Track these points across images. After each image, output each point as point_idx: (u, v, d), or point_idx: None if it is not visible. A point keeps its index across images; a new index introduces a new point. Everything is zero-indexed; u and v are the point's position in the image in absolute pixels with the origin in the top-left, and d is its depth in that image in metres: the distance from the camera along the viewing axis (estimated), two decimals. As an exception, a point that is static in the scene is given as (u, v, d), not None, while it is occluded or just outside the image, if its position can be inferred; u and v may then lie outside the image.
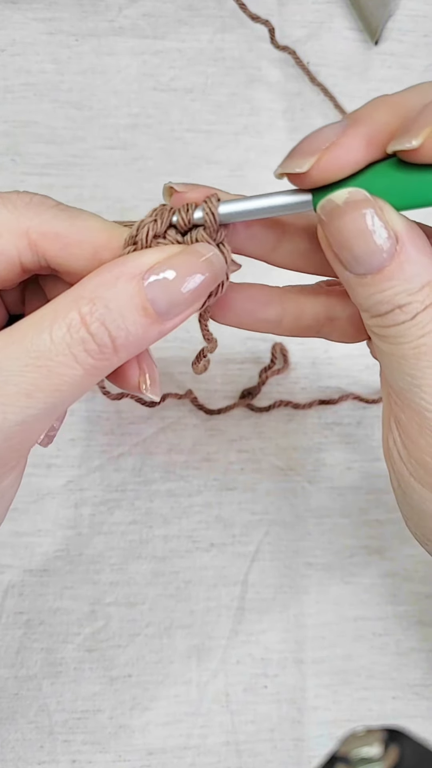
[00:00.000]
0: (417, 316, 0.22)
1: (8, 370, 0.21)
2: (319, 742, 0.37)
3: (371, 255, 0.21)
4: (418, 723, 0.38)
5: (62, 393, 0.21)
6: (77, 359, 0.21)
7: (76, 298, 0.21)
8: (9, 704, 0.37)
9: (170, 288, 0.22)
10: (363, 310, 0.23)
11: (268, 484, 0.40)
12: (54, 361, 0.21)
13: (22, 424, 0.21)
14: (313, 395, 0.40)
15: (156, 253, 0.22)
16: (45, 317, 0.21)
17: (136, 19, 0.42)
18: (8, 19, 0.42)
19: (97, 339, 0.21)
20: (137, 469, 0.39)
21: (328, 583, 0.39)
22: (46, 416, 0.22)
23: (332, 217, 0.22)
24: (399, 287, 0.22)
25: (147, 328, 0.22)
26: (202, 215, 0.24)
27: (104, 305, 0.21)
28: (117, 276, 0.22)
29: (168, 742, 0.37)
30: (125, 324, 0.21)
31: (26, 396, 0.21)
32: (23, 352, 0.21)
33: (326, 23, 0.43)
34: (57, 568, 0.38)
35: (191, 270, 0.22)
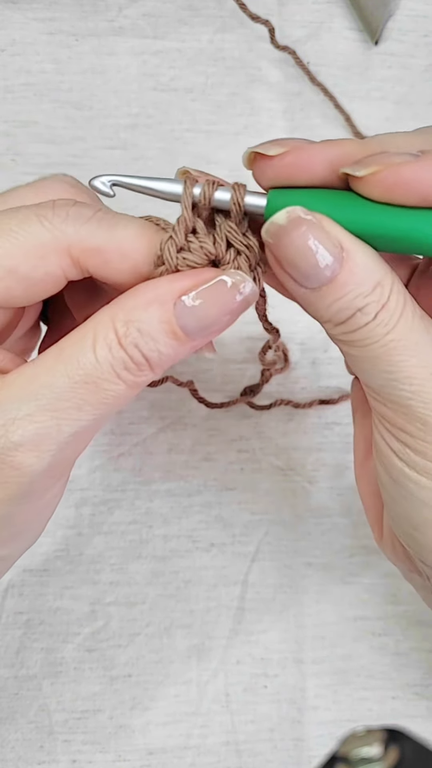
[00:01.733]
0: (378, 315, 0.22)
1: (60, 387, 0.23)
2: (319, 742, 0.37)
3: (321, 265, 0.22)
4: (418, 723, 0.38)
5: (108, 405, 0.23)
6: (120, 376, 0.23)
7: (113, 319, 0.23)
8: (9, 704, 0.37)
9: (200, 315, 0.23)
10: (325, 321, 0.23)
11: (268, 484, 0.40)
12: (100, 379, 0.23)
13: (75, 434, 0.23)
14: (313, 395, 0.40)
15: (188, 279, 0.24)
16: (87, 337, 0.23)
17: (136, 19, 0.42)
18: (8, 19, 0.42)
19: (134, 359, 0.23)
20: (137, 469, 0.39)
21: (328, 583, 0.39)
22: (94, 426, 0.24)
23: (278, 237, 0.23)
24: (354, 291, 0.22)
25: (178, 348, 0.23)
26: (224, 197, 0.24)
27: (137, 329, 0.23)
28: (149, 301, 0.23)
29: (168, 741, 0.37)
30: (157, 346, 0.23)
31: (77, 410, 0.23)
32: (72, 370, 0.23)
33: (326, 23, 0.43)
34: (57, 568, 0.38)
35: (222, 300, 0.24)
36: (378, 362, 0.23)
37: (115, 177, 0.24)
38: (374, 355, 0.23)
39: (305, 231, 0.22)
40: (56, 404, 0.23)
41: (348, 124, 0.42)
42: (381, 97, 0.43)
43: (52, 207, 0.24)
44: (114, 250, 0.24)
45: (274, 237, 0.23)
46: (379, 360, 0.23)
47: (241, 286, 0.24)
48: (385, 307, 0.22)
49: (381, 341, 0.23)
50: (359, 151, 0.23)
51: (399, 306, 0.23)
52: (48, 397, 0.23)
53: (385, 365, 0.23)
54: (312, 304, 0.23)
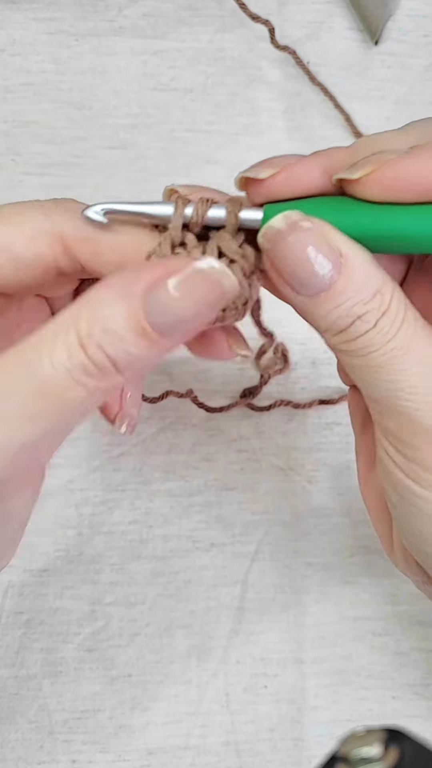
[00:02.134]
0: (378, 323, 0.22)
1: (11, 394, 0.21)
2: (319, 742, 0.37)
3: (318, 272, 0.22)
4: (418, 723, 0.38)
5: (66, 415, 0.21)
6: (79, 382, 0.21)
7: (75, 317, 0.21)
8: (9, 704, 0.37)
9: (171, 307, 0.21)
10: (324, 330, 0.23)
11: (268, 484, 0.40)
12: (57, 387, 0.20)
13: (27, 445, 0.21)
14: (313, 395, 0.40)
15: (157, 270, 0.21)
16: (44, 339, 0.21)
17: (136, 19, 0.42)
18: (8, 19, 0.42)
19: (96, 363, 0.21)
20: (137, 469, 0.39)
21: (328, 583, 0.39)
22: (52, 437, 0.22)
23: (275, 242, 0.22)
24: (353, 298, 0.22)
25: (149, 349, 0.21)
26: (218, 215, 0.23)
27: (101, 327, 0.20)
28: (116, 295, 0.21)
29: (168, 741, 0.37)
30: (124, 346, 0.21)
31: (29, 420, 0.21)
32: (25, 377, 0.21)
33: (326, 23, 0.43)
34: (57, 568, 0.38)
35: (198, 292, 0.21)
36: (380, 372, 0.22)
37: (107, 205, 0.24)
38: (375, 364, 0.22)
39: (302, 236, 0.22)
40: (4, 413, 0.21)
41: (348, 124, 0.42)
42: (381, 97, 0.43)
43: (54, 201, 0.25)
44: (104, 242, 0.24)
45: (271, 242, 0.22)
46: (381, 369, 0.22)
47: (219, 277, 0.22)
48: (386, 315, 0.22)
49: (382, 349, 0.22)
50: (350, 157, 0.23)
51: (400, 313, 0.22)
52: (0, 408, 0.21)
53: (387, 375, 0.22)
54: (309, 312, 0.23)
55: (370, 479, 0.29)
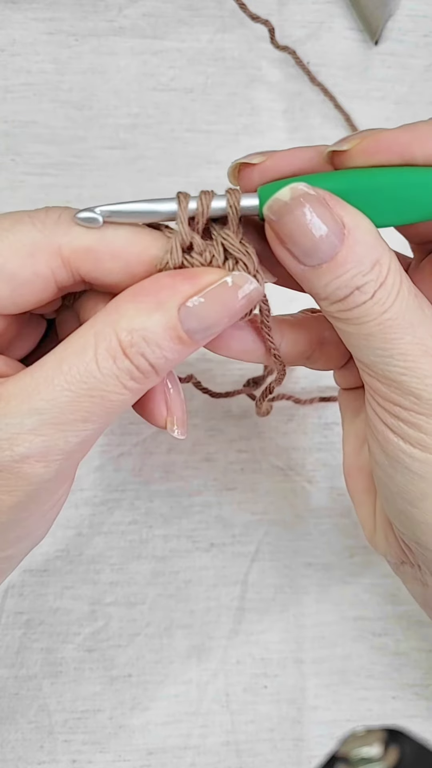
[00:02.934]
0: (375, 294, 0.22)
1: (63, 401, 0.22)
2: (319, 742, 0.37)
3: (322, 244, 0.22)
4: (418, 723, 0.38)
5: (114, 413, 0.23)
6: (126, 386, 0.23)
7: (114, 326, 0.22)
8: (9, 704, 0.37)
9: (205, 317, 0.23)
10: (321, 299, 0.23)
11: (268, 484, 0.40)
12: (105, 391, 0.23)
13: (81, 443, 0.23)
14: (313, 395, 0.40)
15: (190, 282, 0.23)
16: (87, 346, 0.22)
17: (136, 19, 0.42)
18: (8, 19, 0.42)
19: (141, 368, 0.23)
20: (137, 469, 0.39)
21: (328, 583, 0.39)
22: (99, 432, 0.24)
23: (280, 214, 0.22)
24: (353, 270, 0.22)
25: (183, 352, 0.23)
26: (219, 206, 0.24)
27: (141, 337, 0.22)
28: (153, 307, 0.23)
29: (168, 742, 0.37)
30: (163, 353, 0.23)
31: (83, 421, 0.23)
32: (75, 384, 0.22)
33: (326, 23, 0.43)
34: (57, 568, 0.38)
35: (226, 301, 0.23)
36: (373, 339, 0.23)
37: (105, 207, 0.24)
38: (369, 332, 0.23)
39: (308, 207, 0.22)
40: (61, 417, 0.22)
41: (348, 124, 0.42)
42: (381, 97, 0.43)
43: (45, 211, 0.24)
44: (104, 249, 0.24)
45: (277, 214, 0.22)
46: (374, 338, 0.23)
47: (244, 286, 0.24)
48: (383, 286, 0.22)
49: (377, 319, 0.23)
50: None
51: (396, 284, 0.23)
52: (52, 412, 0.22)
53: (380, 342, 0.23)
54: (310, 281, 0.23)
55: (357, 461, 0.30)
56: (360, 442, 0.30)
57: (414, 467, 0.24)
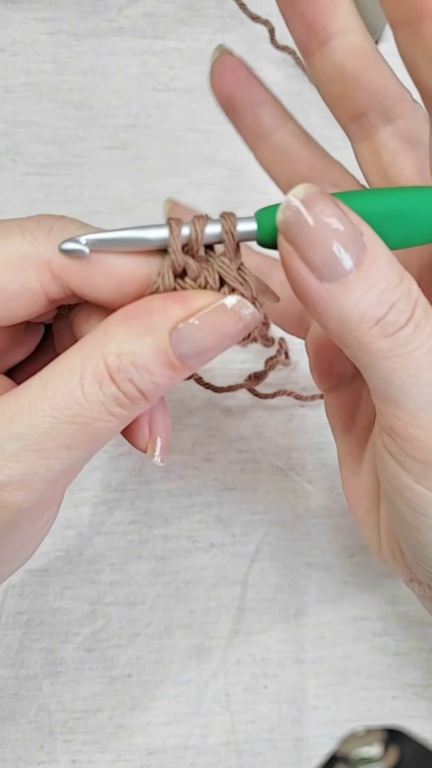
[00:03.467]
0: (414, 312, 0.20)
1: (45, 427, 0.21)
2: (319, 742, 0.37)
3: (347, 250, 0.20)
4: (418, 723, 0.38)
5: (100, 441, 0.22)
6: (112, 413, 0.22)
7: (102, 349, 0.21)
8: (9, 704, 0.37)
9: (197, 341, 0.22)
10: (357, 324, 0.20)
11: (268, 484, 0.40)
12: (90, 418, 0.21)
13: (64, 471, 0.22)
14: (314, 393, 0.40)
15: (182, 305, 0.22)
16: (73, 370, 0.21)
17: (136, 19, 0.42)
18: (8, 19, 0.42)
19: (128, 395, 0.22)
20: (137, 469, 0.39)
21: (328, 583, 0.39)
22: (85, 460, 0.23)
23: (297, 216, 0.20)
24: (382, 282, 0.20)
25: (174, 377, 0.22)
26: (214, 232, 0.22)
27: (130, 362, 0.21)
28: (143, 331, 0.21)
29: (168, 742, 0.37)
30: (153, 379, 0.22)
31: (66, 449, 0.22)
32: (58, 411, 0.21)
33: (326, 23, 0.43)
34: (57, 568, 0.38)
35: (221, 326, 0.22)
36: (422, 375, 0.20)
37: (92, 236, 0.22)
38: (417, 365, 0.20)
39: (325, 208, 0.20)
40: (42, 444, 0.21)
41: (348, 124, 0.42)
42: (381, 97, 0.43)
43: (37, 221, 0.23)
44: (95, 266, 0.22)
45: (293, 215, 0.20)
46: (423, 371, 0.20)
47: (242, 311, 0.22)
48: (419, 303, 0.20)
49: (425, 346, 0.20)
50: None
51: (428, 306, 0.20)
52: (33, 438, 0.21)
53: (429, 377, 0.20)
54: (337, 301, 0.20)
55: (355, 483, 0.28)
56: (356, 462, 0.28)
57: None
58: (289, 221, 0.20)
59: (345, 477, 0.29)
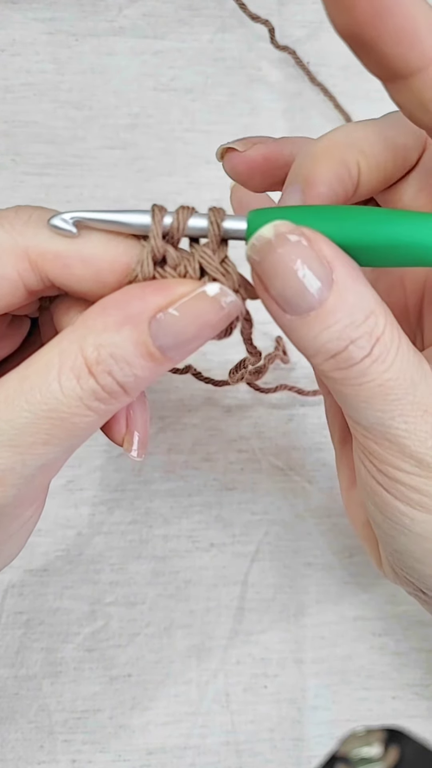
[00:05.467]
0: (373, 350, 0.20)
1: (21, 423, 0.21)
2: (319, 742, 0.37)
3: (308, 290, 0.20)
4: (418, 723, 0.38)
5: (78, 436, 0.22)
6: (90, 408, 0.21)
7: (80, 342, 0.21)
8: (9, 704, 0.37)
9: (178, 331, 0.21)
10: (312, 354, 0.21)
11: (268, 484, 0.40)
12: (67, 413, 0.21)
13: (42, 467, 0.22)
14: (315, 389, 0.40)
15: (162, 293, 0.21)
16: (51, 365, 0.21)
17: (136, 19, 0.42)
18: (8, 19, 0.42)
19: (107, 389, 0.21)
20: (137, 469, 0.39)
21: (328, 583, 0.39)
22: (64, 455, 0.23)
23: (264, 254, 0.20)
24: (345, 319, 0.20)
25: (155, 369, 0.21)
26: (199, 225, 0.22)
27: (109, 354, 0.21)
28: (121, 322, 0.21)
29: (168, 741, 0.37)
30: (132, 371, 0.21)
31: (43, 444, 0.21)
32: (35, 405, 0.21)
33: (326, 23, 0.43)
34: (57, 568, 0.38)
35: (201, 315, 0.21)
36: (373, 402, 0.21)
37: (76, 214, 0.22)
38: (370, 394, 0.21)
39: (291, 249, 0.20)
40: (19, 440, 0.21)
41: (348, 124, 0.42)
42: (381, 98, 0.42)
43: (15, 211, 0.23)
44: (74, 255, 0.22)
45: (260, 254, 0.20)
46: (375, 399, 0.21)
47: (222, 300, 0.21)
48: (380, 341, 0.20)
49: (378, 379, 0.20)
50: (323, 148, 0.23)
51: (395, 339, 0.21)
52: (9, 433, 0.21)
53: (380, 404, 0.21)
54: (297, 333, 0.21)
55: (353, 495, 0.28)
56: (353, 475, 0.28)
57: (416, 529, 0.23)
58: (256, 259, 0.21)
59: (343, 488, 0.29)
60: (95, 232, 0.22)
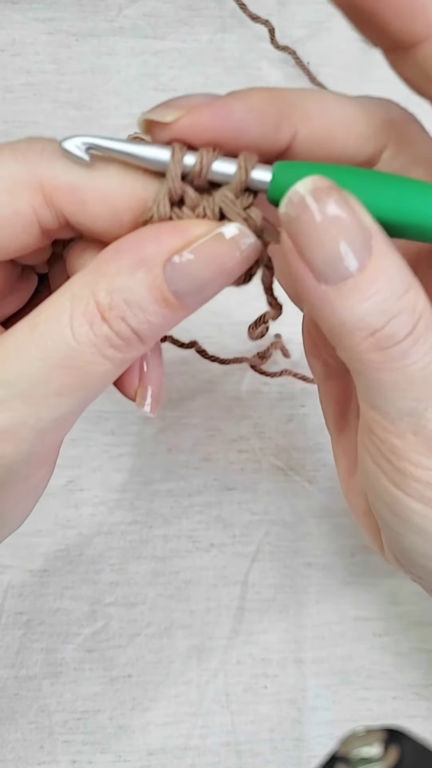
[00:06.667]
0: (416, 327, 0.19)
1: (34, 372, 0.20)
2: (319, 742, 0.37)
3: (350, 252, 0.18)
4: (418, 723, 0.38)
5: (93, 387, 0.21)
6: (105, 355, 0.20)
7: (92, 286, 0.20)
8: (9, 704, 0.37)
9: (194, 276, 0.20)
10: (349, 332, 0.19)
11: (268, 484, 0.40)
12: (82, 360, 0.20)
13: (56, 420, 0.21)
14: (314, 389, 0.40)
15: (177, 235, 0.20)
16: (62, 310, 0.20)
17: (136, 19, 0.42)
18: (8, 19, 0.42)
19: (121, 335, 0.20)
20: (137, 469, 0.39)
21: (328, 583, 0.39)
22: (79, 409, 0.21)
23: (299, 211, 0.18)
24: (385, 290, 0.18)
25: (170, 316, 0.20)
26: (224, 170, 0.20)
27: (122, 299, 0.19)
28: (135, 264, 0.20)
29: (168, 742, 0.37)
30: (146, 317, 0.20)
31: (57, 395, 0.20)
32: (47, 353, 0.20)
33: (326, 23, 0.43)
34: (57, 568, 0.38)
35: (219, 258, 0.20)
36: (411, 389, 0.19)
37: (91, 139, 0.21)
38: (409, 380, 0.19)
39: (332, 205, 0.18)
40: (32, 391, 0.20)
41: (348, 124, 0.42)
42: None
43: (27, 142, 0.21)
44: (91, 189, 0.21)
45: (296, 209, 0.19)
46: (413, 386, 0.19)
47: (241, 242, 0.20)
48: (423, 318, 0.19)
49: (420, 362, 0.19)
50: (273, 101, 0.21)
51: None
52: (20, 385, 0.20)
53: (417, 392, 0.19)
54: (331, 304, 0.19)
55: (353, 484, 0.27)
56: (351, 463, 0.27)
57: (429, 527, 0.21)
58: (291, 215, 0.19)
59: (342, 477, 0.28)
60: (113, 166, 0.21)
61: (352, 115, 0.22)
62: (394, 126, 0.22)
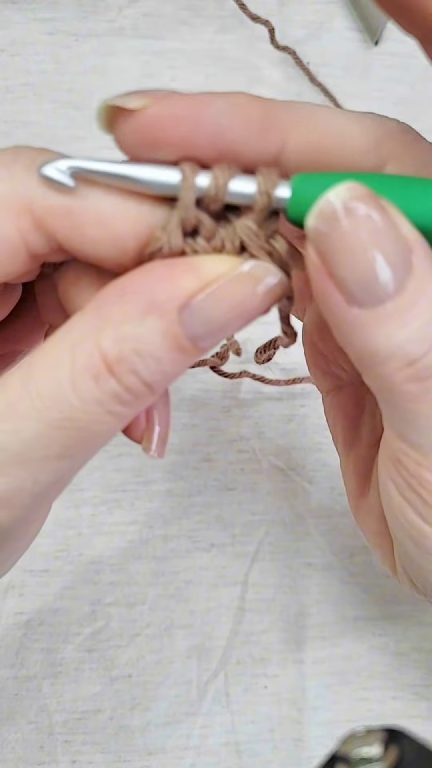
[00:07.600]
0: None
1: (30, 434, 0.17)
2: (319, 742, 0.37)
3: (388, 270, 0.16)
4: (418, 723, 0.38)
5: (96, 445, 0.18)
6: (111, 413, 0.17)
7: (97, 335, 0.17)
8: (9, 704, 0.37)
9: (213, 320, 0.17)
10: (383, 361, 0.17)
11: (268, 484, 0.40)
12: (85, 420, 0.17)
13: (56, 483, 0.19)
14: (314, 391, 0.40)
15: (194, 274, 0.17)
16: (62, 363, 0.17)
17: (136, 19, 0.42)
18: (8, 19, 0.42)
19: (132, 390, 0.17)
20: (137, 469, 0.39)
21: (329, 583, 0.39)
22: (80, 467, 0.19)
23: (332, 224, 0.16)
24: (426, 314, 0.16)
25: (185, 362, 0.18)
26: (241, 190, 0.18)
27: (132, 349, 0.17)
28: (145, 309, 0.17)
29: (168, 742, 0.37)
30: (160, 367, 0.17)
31: (57, 458, 0.18)
32: (44, 412, 0.17)
33: (326, 23, 0.43)
34: (57, 568, 0.38)
35: (241, 301, 0.17)
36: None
37: (78, 162, 0.18)
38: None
39: (367, 222, 0.16)
40: (27, 455, 0.17)
41: (348, 124, 0.42)
42: (381, 98, 0.43)
43: (14, 153, 0.18)
44: (87, 212, 0.18)
45: (327, 223, 0.16)
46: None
47: (266, 281, 0.18)
48: None
49: None
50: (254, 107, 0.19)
51: None
52: (15, 448, 0.17)
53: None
54: (364, 331, 0.16)
55: (364, 504, 0.25)
56: (362, 482, 0.25)
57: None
58: (321, 230, 0.16)
59: (351, 496, 0.26)
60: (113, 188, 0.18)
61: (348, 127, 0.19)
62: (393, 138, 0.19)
